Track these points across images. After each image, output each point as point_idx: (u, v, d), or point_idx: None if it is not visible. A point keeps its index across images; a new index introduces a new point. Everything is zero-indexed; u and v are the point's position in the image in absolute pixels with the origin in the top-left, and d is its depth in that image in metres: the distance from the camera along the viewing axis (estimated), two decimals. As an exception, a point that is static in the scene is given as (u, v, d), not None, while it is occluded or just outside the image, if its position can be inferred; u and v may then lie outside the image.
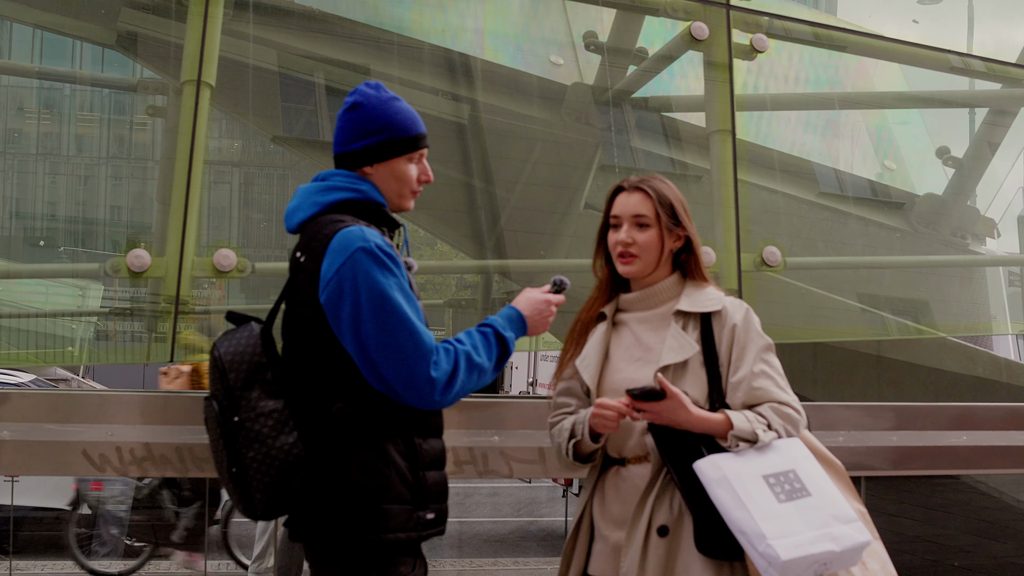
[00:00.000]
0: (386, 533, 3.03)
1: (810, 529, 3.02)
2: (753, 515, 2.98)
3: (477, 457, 4.68)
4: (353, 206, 3.19)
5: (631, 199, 3.41)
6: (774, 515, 3.00)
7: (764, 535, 2.94)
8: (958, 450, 5.50)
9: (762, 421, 3.18)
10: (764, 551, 2.94)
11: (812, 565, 3.00)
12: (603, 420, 3.18)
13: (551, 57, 7.27)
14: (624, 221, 3.39)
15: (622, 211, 3.41)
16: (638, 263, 3.38)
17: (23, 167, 6.49)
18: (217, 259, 4.99)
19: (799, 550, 2.95)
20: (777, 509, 3.02)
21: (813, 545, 2.98)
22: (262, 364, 3.05)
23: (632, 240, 3.36)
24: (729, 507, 3.02)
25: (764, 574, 2.97)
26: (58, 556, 10.16)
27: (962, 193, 8.31)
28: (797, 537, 2.98)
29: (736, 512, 3.00)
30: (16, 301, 5.72)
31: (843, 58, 7.56)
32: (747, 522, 2.98)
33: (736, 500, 3.01)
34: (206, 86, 5.15)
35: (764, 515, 2.99)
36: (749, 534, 2.97)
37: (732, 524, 3.02)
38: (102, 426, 4.35)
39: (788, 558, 2.92)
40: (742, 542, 3.00)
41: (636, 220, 3.37)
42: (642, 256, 3.37)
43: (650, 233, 3.37)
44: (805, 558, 2.96)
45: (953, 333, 8.02)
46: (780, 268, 6.01)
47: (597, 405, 3.19)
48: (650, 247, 3.36)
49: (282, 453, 2.99)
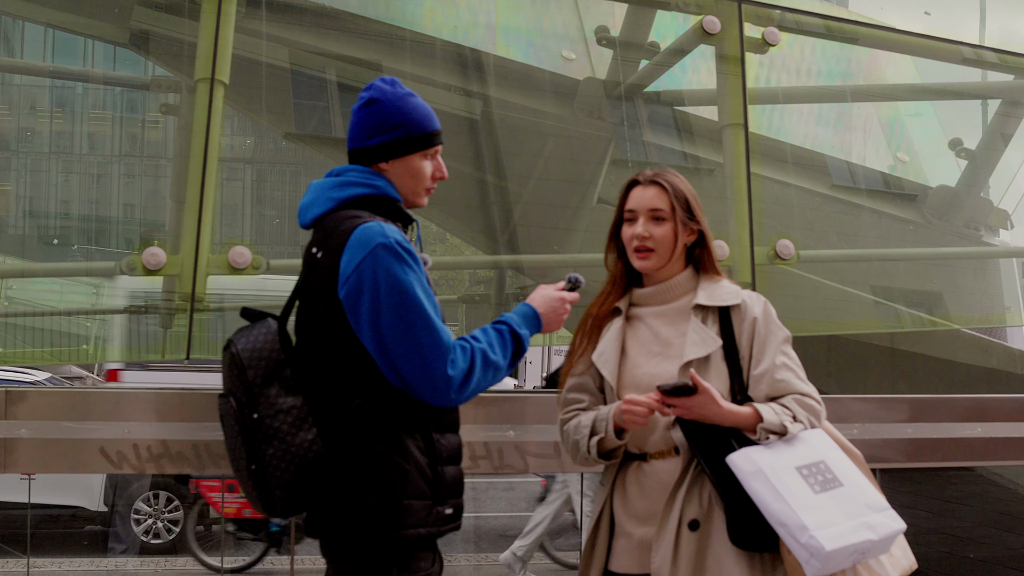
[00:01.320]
0: (406, 529, 3.04)
1: (848, 519, 3.05)
2: (793, 507, 3.00)
3: (493, 452, 4.68)
4: (368, 202, 3.19)
5: (647, 193, 3.40)
6: (812, 507, 3.02)
7: (806, 527, 2.96)
8: (973, 442, 5.50)
9: (788, 413, 3.19)
10: (807, 543, 2.95)
11: (852, 555, 3.03)
12: (633, 416, 3.18)
13: (563, 52, 7.27)
14: (640, 215, 3.39)
15: (638, 205, 3.40)
16: (654, 257, 3.37)
17: (36, 166, 6.51)
18: (232, 256, 5.00)
19: (841, 540, 2.98)
20: (814, 500, 3.05)
21: (853, 535, 3.02)
22: (280, 361, 3.06)
23: (649, 234, 3.36)
24: (767, 500, 3.03)
25: (805, 565, 2.98)
26: (75, 554, 10.22)
27: (975, 185, 8.29)
28: (837, 528, 3.00)
29: (775, 504, 3.02)
30: (31, 300, 5.74)
31: (855, 50, 7.55)
32: (788, 514, 3.00)
33: (774, 493, 3.03)
34: (220, 84, 5.16)
35: (803, 507, 3.01)
36: (790, 526, 2.99)
37: (771, 516, 3.03)
38: (119, 423, 4.37)
39: (832, 548, 2.94)
40: (782, 534, 3.02)
41: (652, 214, 3.37)
42: (658, 250, 3.36)
43: (666, 227, 3.36)
44: (847, 548, 2.99)
45: (967, 325, 8.01)
46: (793, 261, 6.00)
47: (626, 401, 3.19)
48: (666, 241, 3.36)
49: (301, 450, 2.99)
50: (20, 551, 8.64)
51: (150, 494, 10.54)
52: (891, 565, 3.29)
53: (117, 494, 10.59)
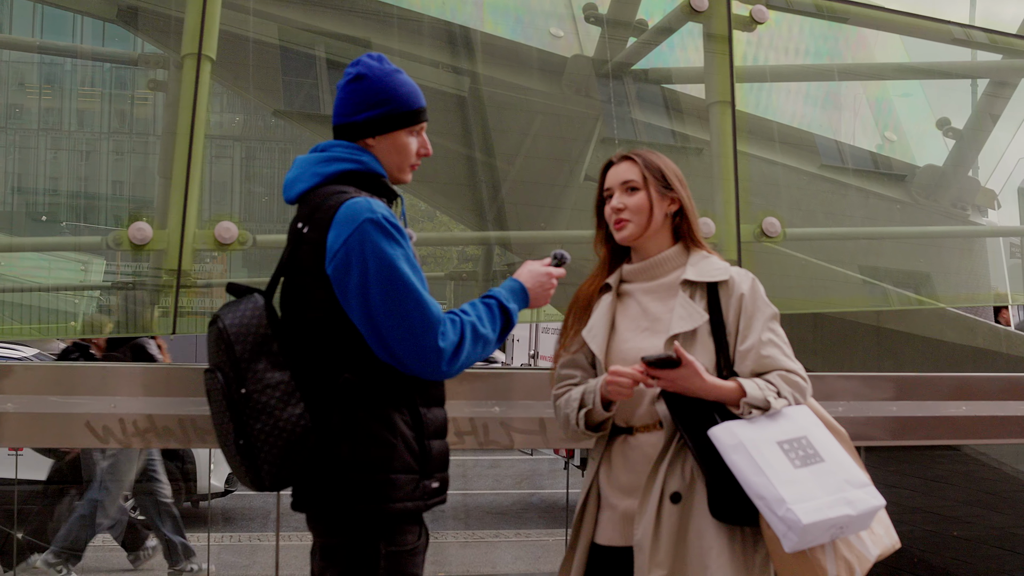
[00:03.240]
0: (393, 502, 3.06)
1: (827, 494, 3.08)
2: (772, 480, 3.03)
3: (478, 428, 4.69)
4: (354, 177, 3.21)
5: (619, 168, 3.51)
6: (792, 480, 3.06)
7: (784, 500, 2.99)
8: (958, 420, 5.52)
9: (772, 389, 3.23)
10: (784, 515, 2.99)
11: (830, 529, 3.06)
12: (617, 387, 3.21)
13: (551, 29, 7.25)
14: (615, 190, 3.46)
15: (612, 182, 3.50)
16: (631, 226, 3.43)
17: (24, 142, 6.49)
18: (218, 231, 5.00)
19: (818, 514, 3.01)
20: (794, 474, 3.08)
21: (831, 509, 3.05)
22: (268, 336, 3.08)
23: (623, 205, 3.42)
24: (747, 473, 3.07)
25: (783, 538, 3.02)
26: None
27: (962, 164, 8.29)
28: (815, 501, 3.04)
29: (754, 478, 3.05)
30: (18, 276, 5.73)
31: (844, 29, 7.54)
32: (766, 487, 3.03)
33: (754, 466, 3.06)
34: (207, 59, 5.14)
35: (782, 480, 3.04)
36: (768, 499, 3.02)
37: (750, 489, 3.06)
38: (105, 398, 4.37)
39: (808, 522, 2.98)
40: (760, 507, 3.05)
41: (625, 186, 3.45)
42: (633, 219, 3.43)
43: (639, 196, 3.42)
44: (824, 522, 3.02)
45: (953, 304, 8.02)
46: (780, 239, 6.01)
47: (611, 372, 3.23)
48: (640, 209, 3.42)
49: (289, 424, 3.01)
50: (8, 526, 8.63)
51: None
52: (872, 542, 3.31)
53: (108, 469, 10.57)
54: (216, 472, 10.52)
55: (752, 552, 3.22)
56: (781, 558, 3.15)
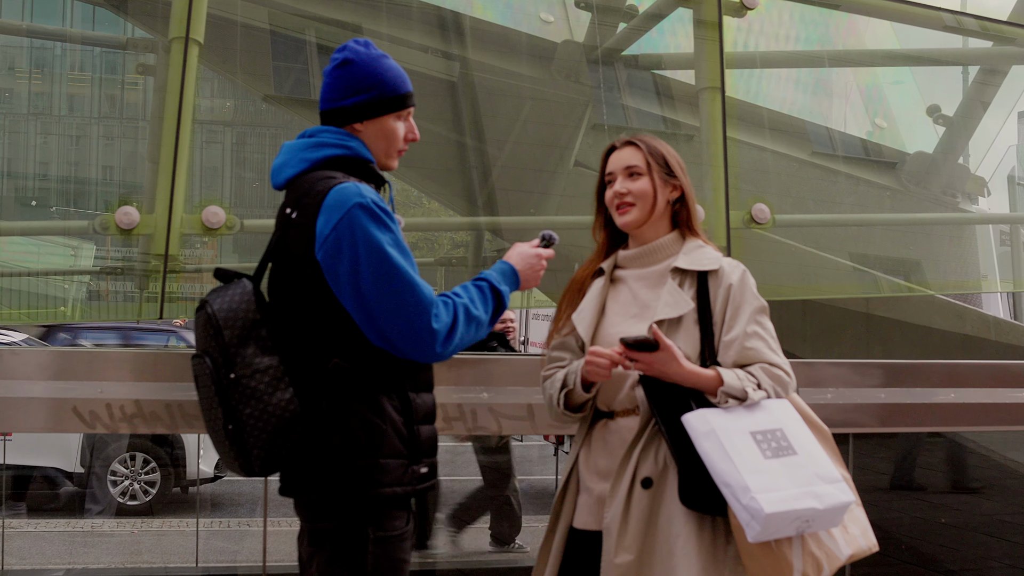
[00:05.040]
0: (381, 487, 3.06)
1: (795, 486, 3.06)
2: (739, 468, 3.02)
3: (466, 413, 4.69)
4: (342, 162, 3.20)
5: (623, 153, 3.48)
6: (759, 470, 3.04)
7: (748, 488, 2.98)
8: (946, 407, 5.53)
9: (752, 380, 3.22)
10: (748, 503, 2.98)
11: (794, 521, 3.04)
12: (596, 368, 3.22)
13: (541, 14, 7.24)
14: (618, 175, 3.44)
15: (615, 166, 3.47)
16: (635, 211, 3.42)
17: (14, 127, 6.47)
18: (206, 216, 4.98)
19: (782, 505, 2.99)
20: (763, 464, 3.06)
21: (797, 501, 3.03)
22: (256, 321, 3.07)
23: (627, 190, 3.41)
24: (715, 459, 3.06)
25: (746, 527, 3.01)
26: (51, 515, 10.22)
27: (953, 152, 8.31)
28: (781, 492, 3.02)
29: (722, 464, 3.04)
30: (7, 261, 5.72)
31: (834, 16, 7.54)
32: (732, 475, 3.02)
33: (722, 453, 3.05)
34: (194, 43, 5.12)
35: (749, 469, 3.03)
36: (734, 486, 3.01)
37: (717, 477, 3.06)
38: (92, 383, 4.36)
39: (771, 511, 2.96)
40: (726, 495, 3.04)
41: (628, 171, 3.43)
42: (638, 204, 3.41)
43: (643, 181, 3.41)
44: (788, 513, 3.00)
45: (943, 291, 8.04)
46: (769, 225, 6.01)
47: (590, 353, 3.23)
48: (645, 195, 3.41)
49: (278, 409, 3.01)
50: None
51: (127, 455, 10.54)
52: (845, 542, 3.30)
53: (94, 456, 10.58)
54: (205, 458, 10.52)
55: (723, 543, 3.19)
56: (747, 550, 3.13)
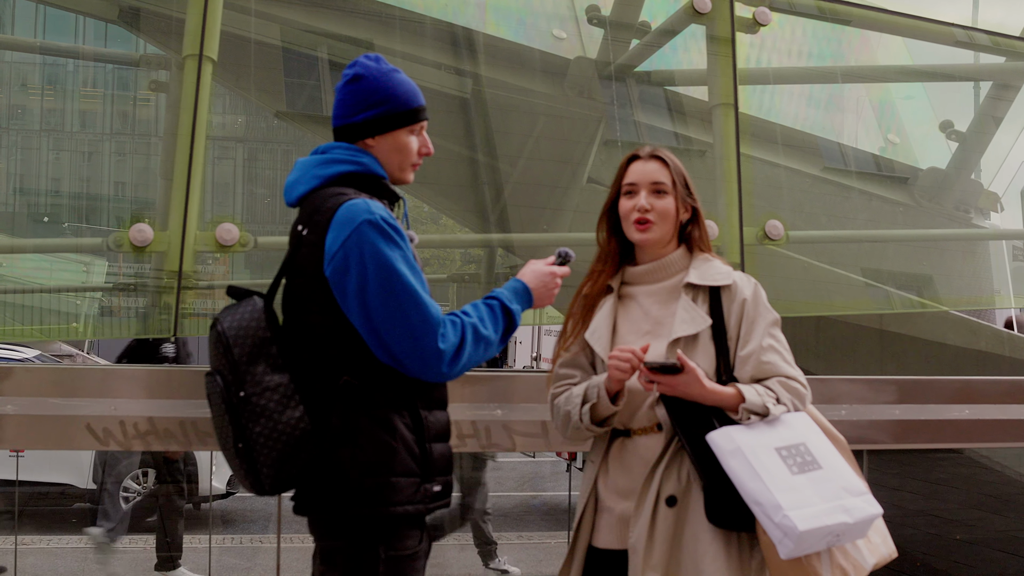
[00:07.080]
0: (394, 506, 3.04)
1: (824, 501, 3.06)
2: (769, 486, 3.01)
3: (480, 431, 4.68)
4: (354, 179, 3.19)
5: (648, 166, 3.43)
6: (789, 487, 3.03)
7: (781, 506, 2.97)
8: (960, 424, 5.50)
9: (771, 395, 3.21)
10: (781, 522, 2.96)
11: (826, 536, 3.03)
12: (618, 363, 3.18)
13: (554, 31, 7.25)
14: (642, 188, 3.40)
15: (639, 178, 3.42)
16: (656, 229, 3.38)
17: (27, 143, 6.49)
18: (219, 233, 4.99)
19: (815, 521, 2.98)
20: (791, 481, 3.05)
21: (828, 516, 3.02)
22: (267, 339, 3.06)
23: (651, 207, 3.37)
24: (744, 478, 3.05)
25: (779, 544, 3.00)
26: (64, 531, 10.23)
27: (965, 167, 8.30)
28: (812, 508, 3.01)
29: (751, 483, 3.03)
30: (20, 277, 5.73)
31: (847, 31, 7.54)
32: (763, 493, 3.01)
33: (751, 471, 3.04)
34: (208, 60, 5.13)
35: (779, 487, 3.02)
36: (765, 505, 3.00)
37: (747, 495, 3.04)
38: (106, 400, 4.35)
39: (805, 528, 2.95)
40: (757, 513, 3.03)
41: (655, 187, 3.39)
42: (659, 223, 3.38)
43: (668, 200, 3.39)
44: (820, 529, 2.99)
45: (956, 307, 8.02)
46: (783, 242, 6.00)
47: (612, 356, 3.20)
48: (668, 215, 3.38)
49: (288, 427, 2.99)
50: (8, 528, 8.64)
51: (139, 472, 10.53)
52: (869, 551, 3.30)
53: (106, 472, 10.58)
54: (217, 474, 10.51)
55: (748, 558, 3.19)
56: (777, 565, 3.13)
